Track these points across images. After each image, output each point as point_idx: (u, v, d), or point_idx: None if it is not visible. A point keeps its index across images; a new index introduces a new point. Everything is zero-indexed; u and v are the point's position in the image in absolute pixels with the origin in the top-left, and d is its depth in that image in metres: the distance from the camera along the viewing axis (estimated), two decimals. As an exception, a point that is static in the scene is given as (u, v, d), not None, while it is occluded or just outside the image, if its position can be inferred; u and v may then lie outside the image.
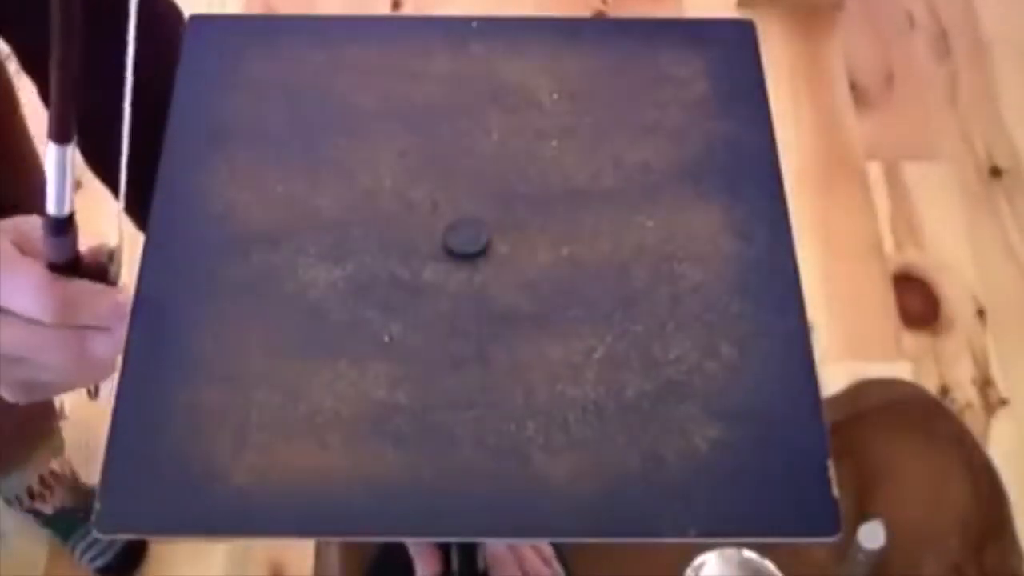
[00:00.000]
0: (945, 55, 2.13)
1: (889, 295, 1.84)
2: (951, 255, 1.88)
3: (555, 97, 0.64)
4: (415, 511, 0.51)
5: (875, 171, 1.97)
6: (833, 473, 0.51)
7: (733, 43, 0.66)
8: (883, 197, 1.94)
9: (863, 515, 0.94)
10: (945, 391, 1.74)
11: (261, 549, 1.57)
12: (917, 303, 1.83)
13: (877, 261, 1.87)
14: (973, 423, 1.68)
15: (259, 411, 0.53)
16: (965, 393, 1.74)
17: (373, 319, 0.56)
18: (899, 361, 1.77)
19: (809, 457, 0.52)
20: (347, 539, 0.88)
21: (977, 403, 1.73)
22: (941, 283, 1.85)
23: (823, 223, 1.89)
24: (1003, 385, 1.75)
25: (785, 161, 0.61)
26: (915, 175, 1.97)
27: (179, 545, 1.56)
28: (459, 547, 0.68)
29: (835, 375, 1.31)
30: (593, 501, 0.51)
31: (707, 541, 0.66)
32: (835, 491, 0.51)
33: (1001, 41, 2.13)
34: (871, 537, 0.89)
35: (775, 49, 2.08)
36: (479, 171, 0.61)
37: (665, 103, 0.64)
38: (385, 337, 0.55)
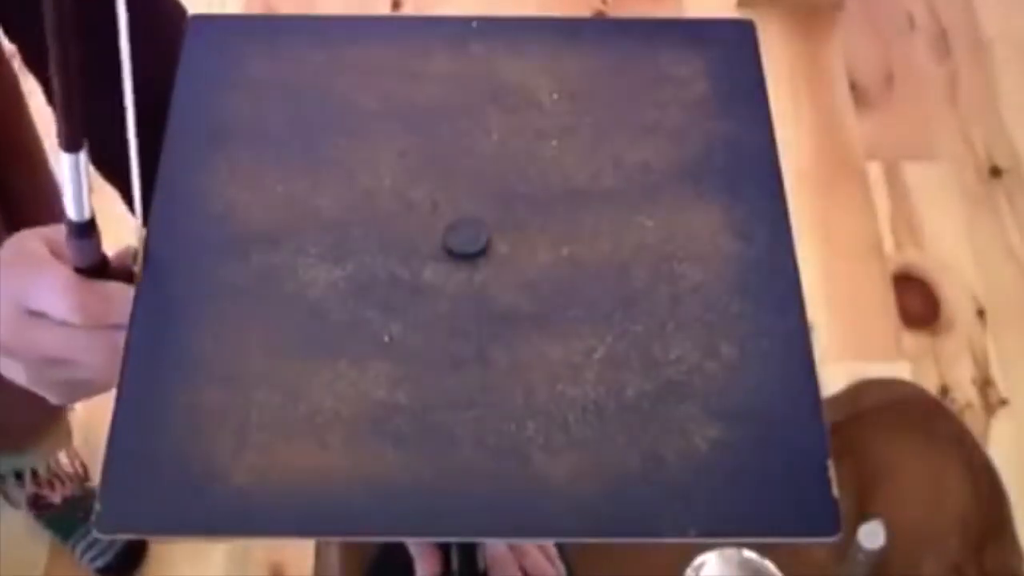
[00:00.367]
0: (945, 55, 2.13)
1: (889, 295, 1.84)
2: (951, 255, 1.88)
3: (555, 97, 0.64)
4: (415, 511, 0.51)
5: (875, 171, 1.97)
6: (833, 473, 0.51)
7: (733, 43, 0.66)
8: (883, 197, 1.94)
9: (863, 515, 0.94)
10: (945, 391, 1.74)
11: (261, 549, 1.57)
12: (917, 303, 1.83)
13: (877, 261, 1.87)
14: (973, 423, 1.68)
15: (259, 411, 0.53)
16: (965, 393, 1.74)
17: (373, 319, 0.56)
18: (899, 361, 1.77)
19: (809, 457, 0.52)
20: (347, 539, 0.88)
21: (977, 403, 1.73)
22: (941, 283, 1.85)
23: (823, 223, 1.89)
24: (1003, 385, 1.75)
25: (785, 161, 0.61)
26: (915, 175, 1.97)
27: (179, 545, 1.56)
28: (459, 547, 0.68)
29: (835, 375, 1.31)
30: (593, 501, 0.51)
31: (707, 541, 0.66)
32: (835, 491, 0.51)
33: (1001, 41, 2.14)
34: (871, 537, 0.89)
35: (775, 49, 2.08)
36: (479, 171, 0.61)
37: (665, 103, 0.64)
38: (385, 337, 0.55)
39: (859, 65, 2.11)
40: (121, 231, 0.63)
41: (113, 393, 0.55)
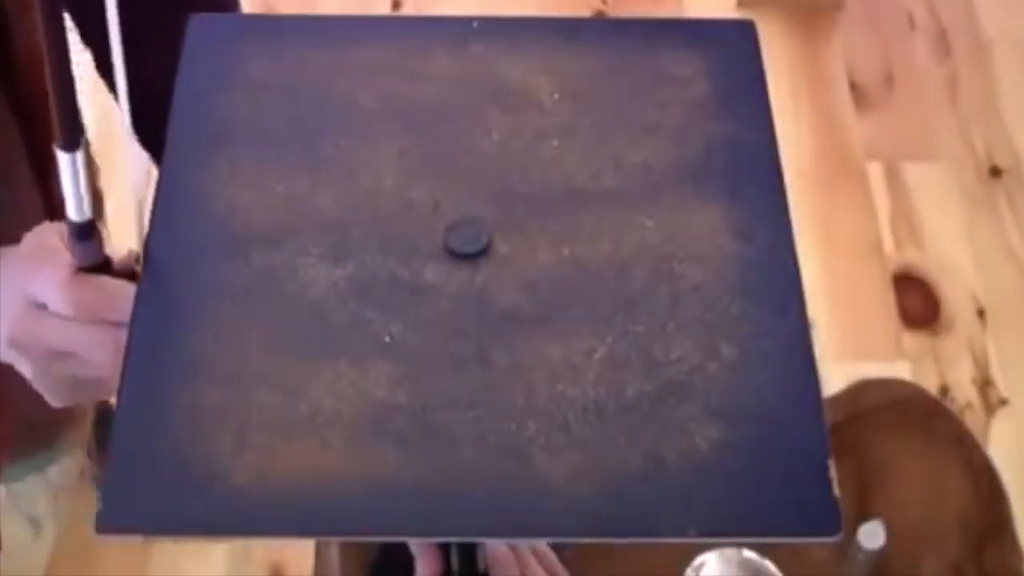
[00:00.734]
0: (945, 55, 2.13)
1: (889, 295, 1.84)
2: (951, 255, 1.88)
3: (556, 97, 0.64)
4: (415, 511, 0.51)
5: (875, 171, 1.98)
6: (834, 473, 0.51)
7: (734, 43, 0.66)
8: (883, 197, 1.95)
9: (863, 515, 0.94)
10: (945, 391, 1.74)
11: (261, 549, 1.57)
12: (917, 303, 1.84)
13: (877, 261, 1.87)
14: (973, 423, 1.68)
15: (259, 411, 0.53)
16: (965, 393, 1.74)
17: (374, 319, 0.56)
18: (899, 361, 1.77)
19: (810, 457, 0.52)
20: (347, 539, 0.88)
21: (977, 403, 1.73)
22: (941, 283, 1.85)
23: (823, 223, 1.90)
24: (1003, 385, 1.75)
25: (785, 161, 0.61)
26: (915, 175, 1.97)
27: (179, 545, 1.56)
28: (459, 547, 0.68)
29: (835, 375, 1.31)
30: (594, 501, 0.51)
31: (708, 541, 0.66)
32: (836, 491, 0.51)
33: (1001, 41, 2.14)
34: (871, 537, 0.89)
35: (775, 49, 2.08)
36: (480, 171, 0.61)
37: (666, 103, 0.64)
38: (386, 337, 0.55)
39: (859, 65, 2.11)
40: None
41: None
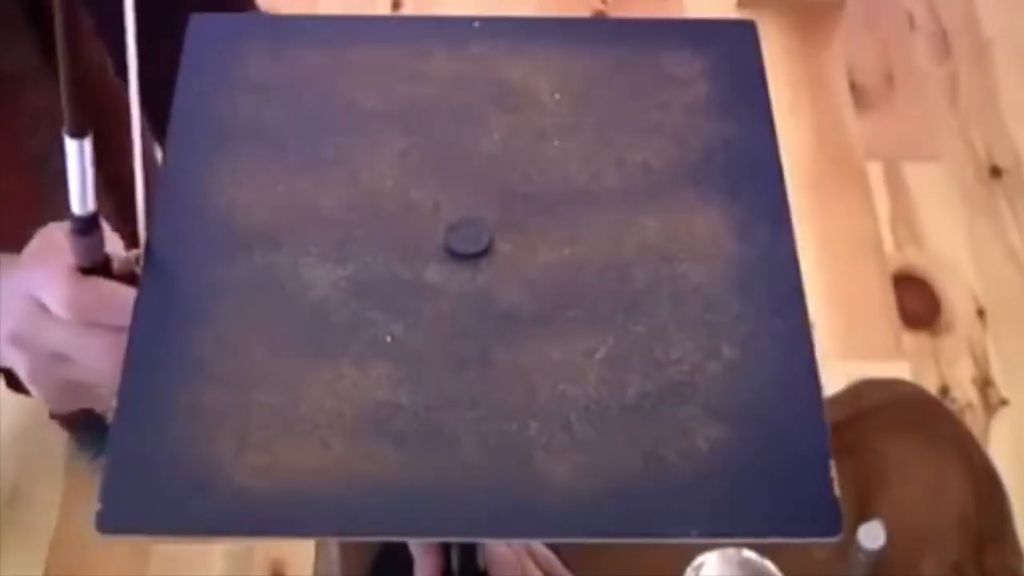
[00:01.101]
0: (945, 55, 2.13)
1: (889, 295, 1.84)
2: (951, 255, 1.88)
3: (556, 97, 0.64)
4: (416, 511, 0.51)
5: (875, 171, 1.97)
6: (834, 473, 0.51)
7: (734, 43, 0.66)
8: (883, 197, 1.94)
9: (863, 515, 0.94)
10: (945, 391, 1.74)
11: (261, 549, 1.57)
12: (917, 303, 1.83)
13: (877, 261, 1.87)
14: (973, 423, 1.68)
15: (260, 411, 0.53)
16: (965, 393, 1.74)
17: (375, 319, 0.56)
18: (899, 361, 1.77)
19: (811, 457, 0.52)
20: (347, 539, 0.88)
21: (977, 403, 1.73)
22: (941, 283, 1.85)
23: (823, 223, 1.89)
24: (1003, 385, 1.75)
25: (785, 161, 0.61)
26: (915, 175, 1.97)
27: (179, 545, 1.56)
28: (459, 547, 0.68)
29: (835, 375, 1.31)
30: (595, 501, 0.51)
31: (708, 541, 0.66)
32: (836, 491, 0.51)
33: (1001, 41, 2.13)
34: (871, 537, 0.89)
35: (775, 49, 2.08)
36: (481, 171, 0.61)
37: (666, 103, 0.64)
38: (387, 337, 0.55)
39: (859, 65, 2.11)
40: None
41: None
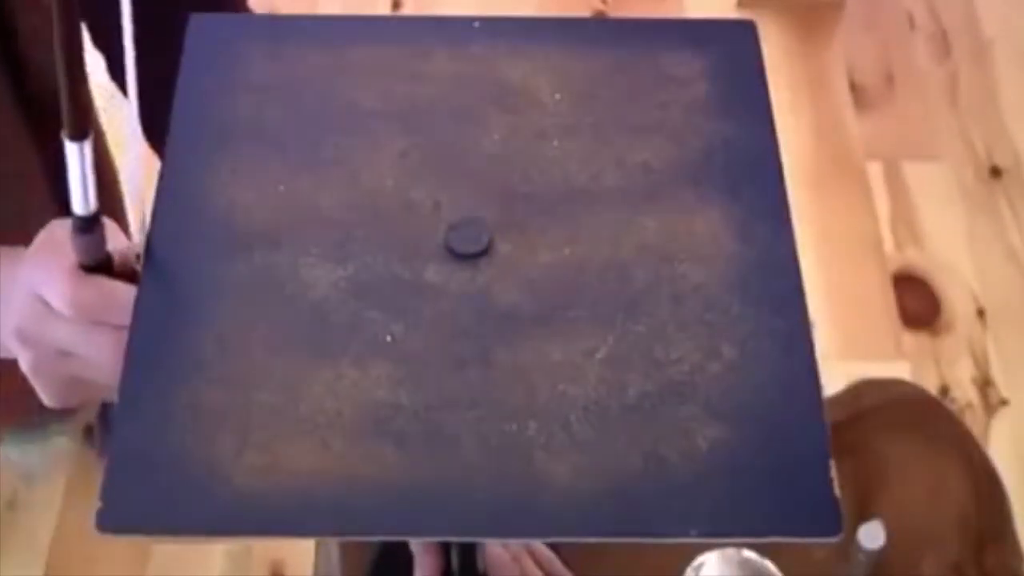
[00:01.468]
0: (945, 55, 2.13)
1: (889, 295, 1.84)
2: (951, 255, 1.88)
3: (556, 97, 0.64)
4: (416, 511, 0.51)
5: (875, 171, 1.97)
6: (834, 473, 0.52)
7: (734, 43, 0.66)
8: (883, 197, 1.94)
9: (863, 515, 0.94)
10: (945, 391, 1.74)
11: (261, 549, 1.57)
12: (917, 303, 1.83)
13: (877, 261, 1.87)
14: (973, 423, 1.68)
15: (260, 411, 0.53)
16: (965, 393, 1.74)
17: (375, 319, 0.56)
18: (898, 361, 1.77)
19: (811, 457, 0.52)
20: (347, 539, 0.88)
21: (977, 403, 1.73)
22: (941, 283, 1.85)
23: (823, 223, 1.89)
24: (1003, 385, 1.75)
25: (785, 161, 0.61)
26: (915, 175, 1.97)
27: (179, 545, 1.56)
28: (459, 547, 0.68)
29: (835, 375, 1.31)
30: (595, 501, 0.51)
31: (709, 541, 0.66)
32: (836, 491, 0.51)
33: (1001, 41, 2.14)
34: (871, 537, 0.89)
35: (775, 49, 2.08)
36: (481, 171, 0.61)
37: (667, 103, 0.64)
38: (387, 337, 0.55)
39: (859, 65, 2.11)
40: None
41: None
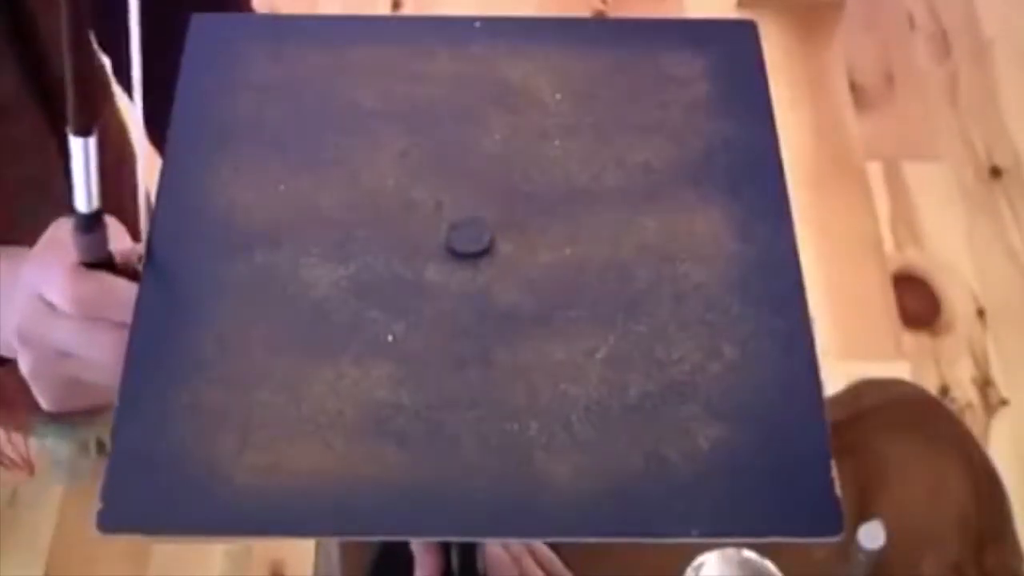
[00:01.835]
0: (945, 55, 2.13)
1: (889, 295, 1.84)
2: (951, 255, 1.88)
3: (557, 97, 0.64)
4: (416, 511, 0.51)
5: (875, 171, 1.98)
6: (835, 473, 0.52)
7: (735, 43, 0.66)
8: (883, 197, 1.95)
9: (863, 515, 0.94)
10: (945, 391, 1.74)
11: (261, 549, 1.57)
12: (917, 303, 1.84)
13: (877, 261, 1.87)
14: (973, 423, 1.68)
15: (261, 411, 0.53)
16: (965, 393, 1.74)
17: (376, 319, 0.56)
18: (898, 361, 1.77)
19: (811, 457, 0.52)
20: (347, 539, 0.88)
21: (977, 403, 1.73)
22: (941, 283, 1.85)
23: (823, 223, 1.90)
24: (1003, 385, 1.75)
25: (785, 161, 0.62)
26: (915, 175, 1.97)
27: (179, 545, 1.56)
28: (459, 547, 0.68)
29: (835, 375, 1.31)
30: (595, 501, 0.51)
31: (709, 541, 0.66)
32: (837, 491, 0.51)
33: (1001, 41, 2.14)
34: (871, 537, 0.89)
35: (775, 49, 2.08)
36: (482, 171, 0.61)
37: (667, 103, 0.64)
38: (388, 337, 0.55)
39: (859, 65, 2.11)
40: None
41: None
